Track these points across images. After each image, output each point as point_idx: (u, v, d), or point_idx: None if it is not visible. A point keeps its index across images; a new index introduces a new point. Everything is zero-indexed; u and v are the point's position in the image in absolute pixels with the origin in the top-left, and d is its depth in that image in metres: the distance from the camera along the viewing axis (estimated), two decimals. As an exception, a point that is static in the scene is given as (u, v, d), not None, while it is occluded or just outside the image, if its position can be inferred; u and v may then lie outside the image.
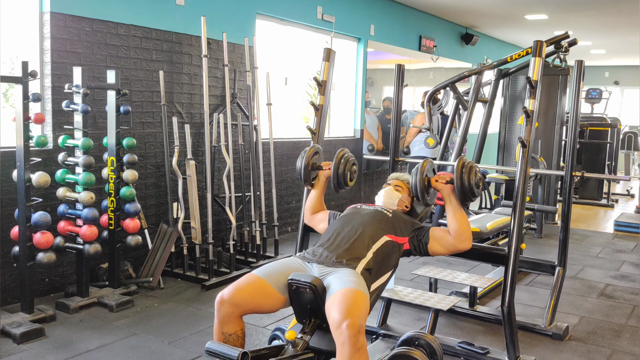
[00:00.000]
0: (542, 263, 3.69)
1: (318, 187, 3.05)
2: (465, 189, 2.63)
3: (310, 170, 3.00)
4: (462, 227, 2.65)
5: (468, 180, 2.62)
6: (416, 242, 2.69)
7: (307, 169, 2.98)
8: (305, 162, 2.97)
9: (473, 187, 2.63)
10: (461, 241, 2.66)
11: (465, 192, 2.64)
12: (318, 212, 3.06)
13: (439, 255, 2.76)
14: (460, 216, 2.67)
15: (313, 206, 3.06)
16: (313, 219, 3.06)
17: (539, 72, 2.87)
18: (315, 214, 3.06)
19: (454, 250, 2.70)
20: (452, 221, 2.68)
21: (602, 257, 5.61)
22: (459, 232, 2.66)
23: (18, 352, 3.04)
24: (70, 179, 3.64)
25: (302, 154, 3.00)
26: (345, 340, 2.05)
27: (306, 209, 3.11)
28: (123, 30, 4.24)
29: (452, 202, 2.69)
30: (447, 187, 2.69)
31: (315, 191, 3.06)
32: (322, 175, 3.03)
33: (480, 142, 6.63)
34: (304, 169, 2.97)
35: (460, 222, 2.66)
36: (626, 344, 3.44)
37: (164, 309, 3.78)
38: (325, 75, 3.37)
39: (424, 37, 8.39)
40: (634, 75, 14.37)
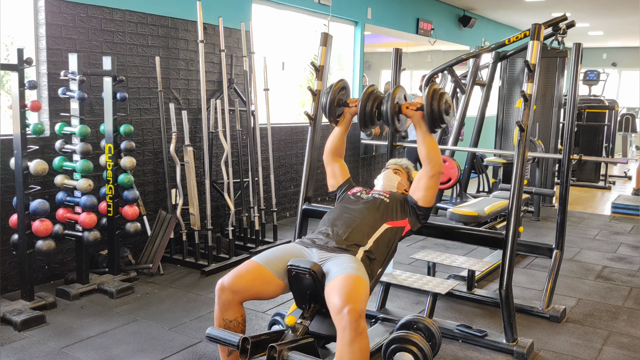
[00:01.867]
0: (540, 246, 3.70)
1: (343, 125, 2.99)
2: (435, 116, 2.68)
3: (336, 107, 2.92)
4: (431, 151, 2.71)
5: (438, 106, 2.66)
6: (410, 210, 2.75)
7: (333, 104, 2.90)
8: (332, 97, 2.89)
9: (442, 114, 2.68)
10: (433, 165, 2.71)
11: (434, 119, 2.69)
12: (338, 160, 3.01)
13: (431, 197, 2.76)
14: (429, 141, 2.73)
15: (335, 145, 3.01)
16: (332, 164, 3.01)
17: (537, 55, 2.86)
18: (336, 161, 3.01)
19: (431, 180, 2.72)
20: (422, 146, 2.73)
21: (599, 240, 5.64)
22: (429, 156, 2.71)
23: (19, 340, 3.05)
24: (68, 167, 3.64)
25: (328, 89, 2.92)
26: (347, 325, 2.07)
27: (327, 148, 3.03)
28: (118, 15, 4.20)
29: (422, 128, 2.74)
30: (417, 114, 2.74)
31: (339, 128, 3.00)
32: (348, 112, 2.96)
33: (478, 126, 6.63)
34: (329, 104, 2.89)
35: (430, 147, 2.72)
36: (623, 325, 3.47)
37: (164, 295, 3.79)
38: (322, 60, 3.35)
39: (421, 20, 8.34)
40: (631, 56, 14.32)
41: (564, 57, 6.59)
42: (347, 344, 2.08)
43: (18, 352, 2.92)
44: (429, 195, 2.75)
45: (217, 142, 4.90)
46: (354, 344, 2.08)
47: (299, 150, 6.14)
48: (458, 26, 9.58)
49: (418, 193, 2.76)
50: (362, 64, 7.19)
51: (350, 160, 6.98)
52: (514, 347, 2.97)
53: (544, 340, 3.20)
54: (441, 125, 2.72)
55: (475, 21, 9.71)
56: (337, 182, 2.99)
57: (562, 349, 3.10)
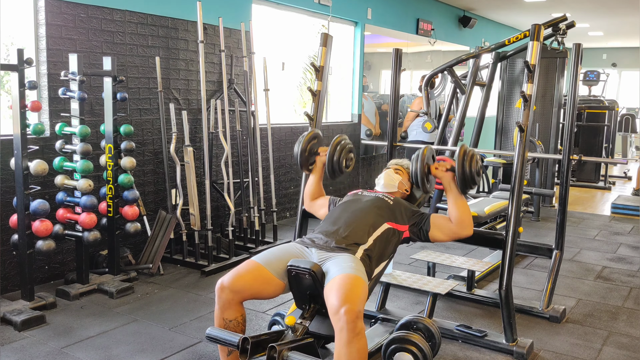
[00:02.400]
0: (540, 246, 3.71)
1: (316, 173, 3.03)
2: (467, 178, 2.63)
3: (308, 156, 2.97)
4: (463, 215, 2.67)
5: (470, 168, 2.62)
6: (416, 229, 2.71)
7: (304, 154, 2.94)
8: (302, 147, 2.94)
9: (474, 176, 2.64)
10: (463, 228, 2.68)
11: (466, 181, 2.64)
12: (318, 198, 3.05)
13: (439, 242, 2.78)
14: (461, 204, 2.68)
15: (312, 192, 3.06)
16: (313, 205, 3.05)
17: (536, 56, 2.86)
18: (315, 200, 3.05)
19: (455, 237, 2.72)
20: (454, 209, 2.69)
21: (599, 240, 5.65)
22: (460, 219, 2.67)
23: (19, 340, 3.06)
24: (68, 167, 3.64)
25: (300, 139, 2.97)
26: (344, 325, 2.07)
27: (305, 195, 3.10)
28: (118, 16, 4.21)
29: (453, 190, 2.70)
30: (448, 175, 2.69)
31: (313, 176, 3.04)
32: (319, 161, 2.99)
33: (478, 126, 6.62)
34: (300, 154, 2.94)
35: (462, 210, 2.67)
36: (623, 325, 3.47)
37: (164, 295, 3.79)
38: (322, 61, 3.36)
39: (421, 20, 8.34)
40: (631, 57, 14.32)
41: (564, 58, 6.59)
42: (345, 345, 2.08)
43: (18, 352, 2.92)
44: (442, 240, 2.75)
45: (217, 142, 4.90)
46: (352, 344, 2.08)
47: (299, 150, 6.13)
48: (458, 26, 9.58)
49: (436, 234, 2.69)
50: (362, 64, 7.19)
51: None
52: (514, 347, 2.97)
53: (543, 341, 3.20)
54: (473, 186, 2.67)
55: (475, 21, 9.71)
56: (326, 208, 2.98)
57: (562, 349, 3.10)
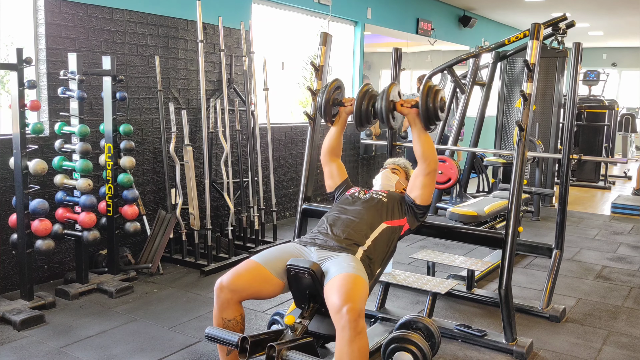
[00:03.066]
0: (540, 246, 3.71)
1: (338, 124, 2.96)
2: (430, 113, 2.66)
3: (332, 106, 2.90)
4: (426, 149, 2.70)
5: (433, 103, 2.64)
6: (408, 209, 2.75)
7: (328, 104, 2.87)
8: (327, 96, 2.86)
9: (437, 111, 2.66)
10: (428, 162, 2.70)
11: (429, 116, 2.67)
12: (336, 160, 2.99)
13: (428, 195, 2.76)
14: (424, 139, 2.72)
15: (332, 146, 2.99)
16: (330, 163, 2.99)
17: (536, 55, 2.86)
18: (334, 160, 2.99)
19: (427, 176, 2.72)
20: (417, 144, 2.72)
21: (599, 239, 5.64)
22: (424, 153, 2.70)
23: (18, 339, 3.05)
24: (67, 166, 3.64)
25: (323, 89, 2.90)
26: (346, 324, 2.07)
27: (325, 148, 3.01)
28: (118, 15, 4.20)
29: (417, 125, 2.73)
30: (413, 111, 2.72)
31: (335, 128, 2.97)
32: (344, 111, 2.93)
33: (478, 126, 6.63)
34: (324, 104, 2.86)
35: (425, 144, 2.71)
36: (623, 325, 3.47)
37: (163, 294, 3.79)
38: (322, 60, 3.35)
39: (421, 19, 8.34)
40: (631, 56, 14.32)
41: (564, 57, 6.58)
42: (346, 344, 2.08)
43: (17, 351, 2.92)
44: (426, 193, 2.75)
45: (217, 141, 4.90)
46: (353, 343, 2.08)
47: (299, 150, 6.14)
48: (458, 26, 9.58)
49: (415, 191, 2.76)
50: (362, 64, 7.19)
51: (350, 160, 6.99)
52: (514, 347, 2.97)
53: (543, 340, 3.20)
54: (436, 122, 2.71)
55: (475, 21, 9.71)
56: (334, 183, 2.99)
57: (562, 349, 3.10)
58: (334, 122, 2.97)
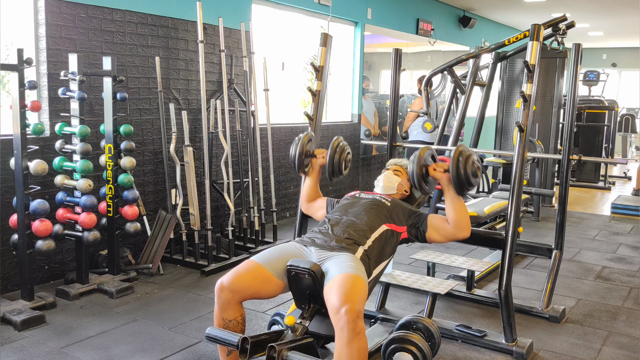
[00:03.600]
0: (539, 246, 3.71)
1: (313, 175, 3.03)
2: (462, 180, 2.59)
3: (304, 158, 2.96)
4: (460, 217, 2.66)
5: (465, 170, 2.58)
6: (414, 230, 2.71)
7: (302, 157, 2.93)
8: (300, 149, 2.93)
9: (470, 178, 2.60)
10: (460, 230, 2.67)
11: (461, 183, 2.60)
12: (315, 200, 3.05)
13: (436, 243, 2.78)
14: (458, 206, 2.66)
15: (309, 194, 3.05)
16: (311, 207, 3.05)
17: (536, 56, 2.86)
18: (313, 202, 3.05)
19: (452, 239, 2.72)
20: (451, 211, 2.67)
21: (599, 240, 5.65)
22: (457, 221, 2.66)
23: (19, 339, 3.06)
24: (68, 167, 3.64)
25: (296, 141, 2.96)
26: (344, 325, 2.07)
27: (302, 198, 3.09)
28: (118, 15, 4.21)
29: (450, 191, 2.67)
30: (446, 176, 2.66)
31: (310, 179, 3.04)
32: (316, 163, 3.00)
33: (478, 126, 6.62)
34: (298, 157, 2.93)
35: (459, 212, 2.66)
36: (622, 325, 3.47)
37: (163, 295, 3.80)
38: (322, 61, 3.36)
39: (421, 20, 8.34)
40: (631, 57, 14.32)
41: (564, 58, 6.59)
42: (345, 344, 2.08)
43: (18, 351, 2.92)
44: (439, 241, 2.75)
45: (217, 142, 4.90)
46: (352, 344, 2.08)
47: (299, 150, 6.14)
48: (458, 26, 9.58)
49: (434, 235, 2.69)
50: (362, 65, 7.20)
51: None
52: (514, 347, 2.97)
53: (543, 341, 3.20)
54: (469, 188, 2.64)
55: (475, 22, 9.72)
56: (324, 210, 2.98)
57: (562, 349, 3.10)
58: (307, 173, 3.02)
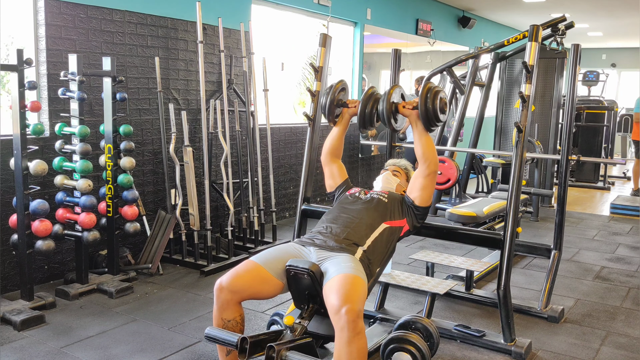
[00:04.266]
0: (538, 246, 3.72)
1: (341, 125, 2.99)
2: (430, 115, 2.68)
3: (335, 107, 2.93)
4: (427, 150, 2.72)
5: (432, 105, 2.66)
6: (408, 209, 2.75)
7: (333, 104, 2.90)
8: (331, 97, 2.90)
9: (437, 112, 2.68)
10: (428, 163, 2.72)
11: (429, 118, 2.69)
12: (337, 160, 3.01)
13: (427, 196, 2.76)
14: (425, 140, 2.73)
15: (334, 146, 3.01)
16: (330, 164, 3.01)
17: (535, 56, 2.87)
18: (334, 161, 3.01)
19: (427, 178, 2.73)
20: (418, 145, 2.74)
21: (597, 240, 5.65)
22: (425, 155, 2.72)
23: (19, 339, 3.06)
24: (67, 167, 3.65)
25: (328, 90, 2.93)
26: (344, 325, 2.08)
27: (326, 148, 3.02)
28: (118, 16, 4.21)
29: (419, 127, 2.75)
30: (414, 113, 2.74)
31: (337, 129, 3.00)
32: (347, 112, 2.97)
33: (477, 126, 6.64)
34: (329, 104, 2.89)
35: (425, 145, 2.72)
36: (621, 325, 3.48)
37: (163, 295, 3.80)
38: (321, 61, 3.36)
39: (420, 20, 8.35)
40: (631, 57, 14.33)
41: (563, 58, 6.60)
42: (345, 344, 2.09)
43: (17, 351, 2.93)
44: (426, 195, 2.76)
45: (217, 142, 4.91)
46: (352, 344, 2.08)
47: (298, 150, 6.15)
48: (457, 27, 9.59)
49: (415, 192, 2.77)
50: (361, 65, 7.20)
51: (349, 161, 6.99)
52: (512, 347, 2.98)
53: (542, 341, 3.21)
54: (437, 124, 2.73)
55: (474, 22, 9.72)
56: (335, 183, 3.00)
57: (560, 349, 3.11)
58: (337, 122, 3.00)
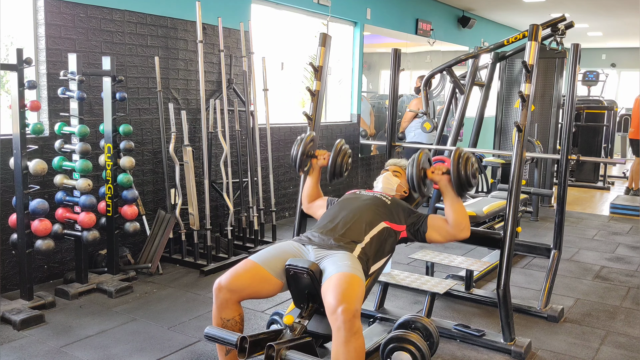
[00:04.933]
0: (538, 246, 3.72)
1: (314, 175, 3.05)
2: (462, 181, 2.61)
3: (305, 158, 2.97)
4: (460, 218, 2.66)
5: (465, 172, 2.60)
6: (414, 230, 2.71)
7: (303, 156, 2.95)
8: (302, 149, 2.94)
9: (470, 179, 2.61)
10: (460, 230, 2.68)
11: (462, 185, 2.62)
12: (315, 200, 3.06)
13: (435, 243, 2.78)
14: (457, 207, 2.67)
15: (310, 194, 3.07)
16: (311, 207, 3.07)
17: (534, 56, 2.87)
18: (313, 201, 3.07)
19: (452, 239, 2.73)
20: (450, 212, 2.68)
21: (597, 240, 5.65)
22: (457, 222, 2.67)
23: (18, 339, 3.06)
24: (67, 166, 3.65)
25: (299, 141, 2.97)
26: (341, 325, 2.07)
27: (303, 197, 3.11)
28: (118, 15, 4.21)
29: (449, 192, 2.67)
30: (444, 178, 2.67)
31: (311, 179, 3.07)
32: (316, 164, 3.01)
33: (477, 126, 6.63)
34: (299, 156, 2.94)
35: (458, 213, 2.67)
36: (621, 325, 3.48)
37: (162, 294, 3.80)
38: (321, 61, 3.36)
39: (420, 20, 8.35)
40: (631, 57, 14.33)
41: (563, 58, 6.60)
42: (342, 344, 2.08)
43: (17, 351, 2.92)
44: (439, 242, 2.76)
45: (216, 142, 4.91)
46: (349, 343, 2.08)
47: (298, 150, 6.14)
48: (457, 27, 9.59)
49: (434, 236, 2.70)
50: (361, 65, 7.20)
51: (349, 160, 6.97)
52: (512, 347, 2.98)
53: (541, 340, 3.21)
54: (469, 189, 2.66)
55: (474, 22, 9.72)
56: (324, 209, 2.98)
57: (560, 349, 3.11)
58: (308, 173, 3.04)
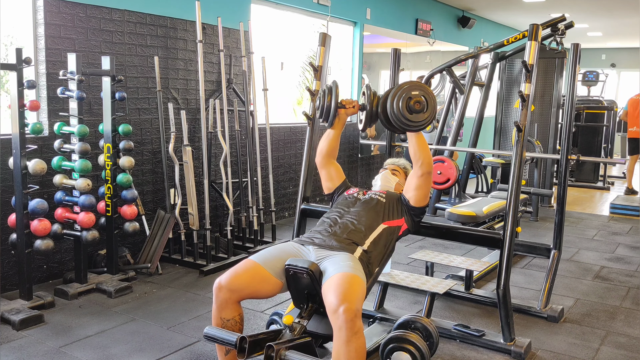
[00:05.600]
0: (538, 246, 3.71)
1: (338, 127, 2.94)
2: (386, 116, 2.63)
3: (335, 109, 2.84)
4: (419, 150, 2.68)
5: (389, 106, 2.60)
6: (406, 210, 2.74)
7: (337, 107, 2.81)
8: (336, 99, 2.79)
9: (393, 113, 2.60)
10: (421, 164, 2.68)
11: (389, 121, 2.63)
12: (333, 163, 2.98)
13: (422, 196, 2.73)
14: (416, 140, 2.68)
15: (330, 147, 2.96)
16: (328, 166, 2.97)
17: (534, 56, 2.87)
18: (331, 162, 2.97)
19: (420, 178, 2.70)
20: (410, 145, 2.71)
21: (597, 240, 5.65)
22: (417, 155, 2.68)
23: (17, 339, 3.06)
24: (66, 166, 3.64)
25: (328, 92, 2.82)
26: (342, 324, 2.07)
27: (322, 150, 2.97)
28: (117, 15, 4.21)
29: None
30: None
31: (334, 131, 2.94)
32: (344, 113, 2.89)
33: (477, 126, 6.64)
34: (334, 107, 2.80)
35: (418, 146, 2.68)
36: (621, 325, 3.47)
37: (162, 294, 3.80)
38: (321, 60, 3.36)
39: (420, 20, 8.35)
40: (631, 57, 14.33)
41: (563, 58, 6.60)
42: (343, 344, 2.08)
43: (16, 351, 2.92)
44: (420, 195, 2.73)
45: (216, 142, 4.90)
46: (350, 343, 2.08)
47: (298, 150, 6.15)
48: (457, 27, 9.59)
49: (409, 192, 2.75)
50: (361, 65, 7.20)
51: (348, 160, 6.99)
52: (512, 347, 2.98)
53: (541, 340, 3.21)
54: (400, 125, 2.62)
55: (474, 22, 9.72)
56: (334, 185, 2.97)
57: (560, 349, 3.11)
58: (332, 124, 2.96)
